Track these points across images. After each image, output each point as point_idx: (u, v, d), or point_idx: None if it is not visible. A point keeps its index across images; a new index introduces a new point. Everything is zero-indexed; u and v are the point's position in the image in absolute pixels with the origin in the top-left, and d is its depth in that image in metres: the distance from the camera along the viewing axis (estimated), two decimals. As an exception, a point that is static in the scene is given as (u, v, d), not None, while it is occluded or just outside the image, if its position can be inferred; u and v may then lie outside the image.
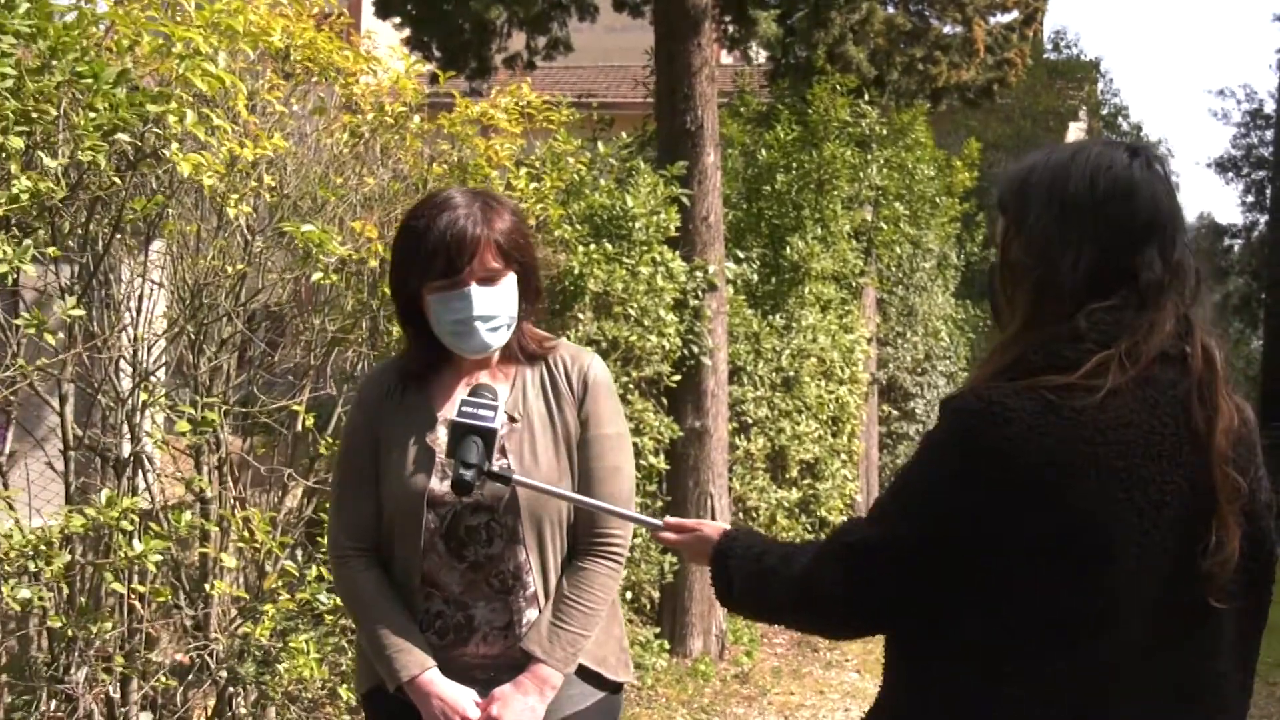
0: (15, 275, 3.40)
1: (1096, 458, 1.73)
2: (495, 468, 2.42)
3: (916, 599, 1.82)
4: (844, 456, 9.56)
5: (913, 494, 1.85)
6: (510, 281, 2.60)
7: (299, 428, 4.61)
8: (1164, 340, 1.78)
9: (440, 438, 2.58)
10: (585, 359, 2.71)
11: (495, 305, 2.57)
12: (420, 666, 2.53)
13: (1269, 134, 27.37)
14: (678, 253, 6.73)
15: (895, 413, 11.82)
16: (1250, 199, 30.03)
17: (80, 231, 3.92)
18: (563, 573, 2.63)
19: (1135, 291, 1.79)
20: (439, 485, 2.56)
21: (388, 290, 4.53)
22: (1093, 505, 1.73)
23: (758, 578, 2.03)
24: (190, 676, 4.29)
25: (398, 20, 9.09)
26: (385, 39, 6.35)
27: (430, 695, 2.52)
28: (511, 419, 2.61)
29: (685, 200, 6.93)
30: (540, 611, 2.60)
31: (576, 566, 2.63)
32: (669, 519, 2.34)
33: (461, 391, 2.58)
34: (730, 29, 10.13)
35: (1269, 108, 21.92)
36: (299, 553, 4.51)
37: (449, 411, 2.47)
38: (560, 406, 2.65)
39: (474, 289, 2.54)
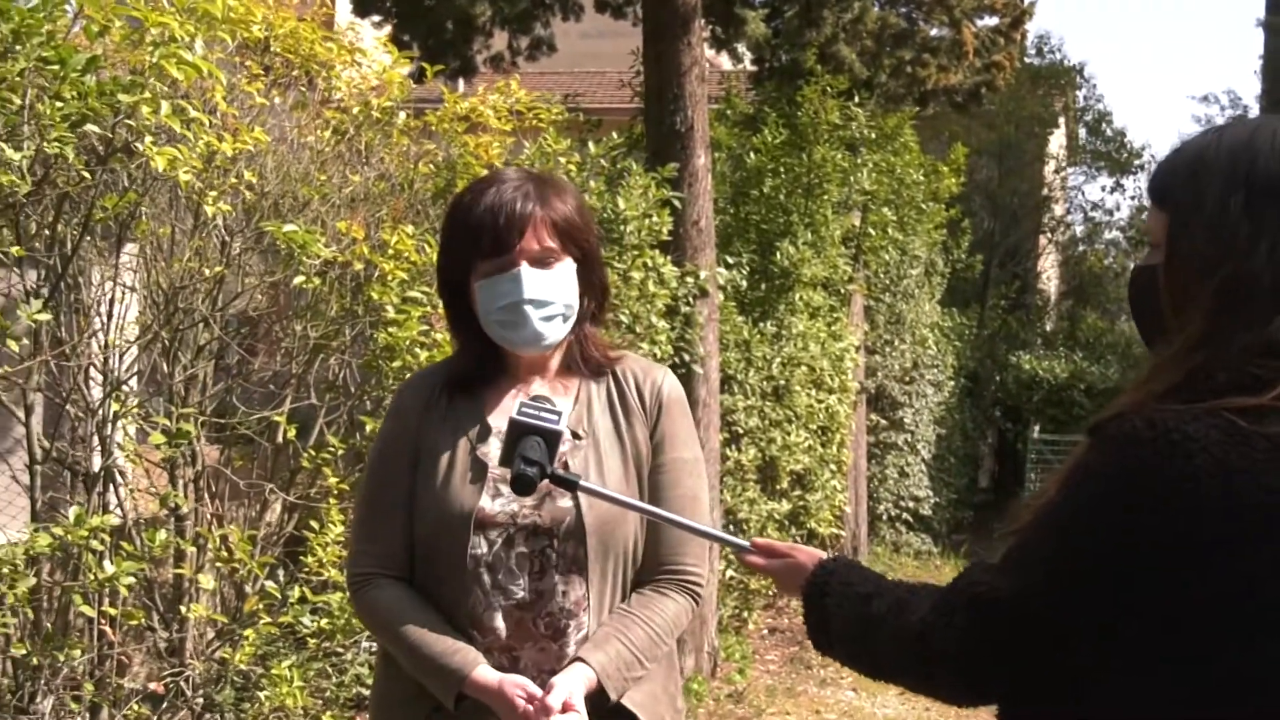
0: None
1: None
2: (559, 470, 2.09)
3: (1051, 666, 1.54)
4: (833, 467, 9.37)
5: (1062, 539, 1.54)
6: (568, 268, 2.31)
7: (280, 439, 4.37)
8: None
9: (493, 450, 2.26)
10: (657, 373, 2.42)
11: (549, 290, 2.27)
12: (477, 661, 2.19)
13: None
14: (668, 257, 6.50)
15: (883, 422, 11.63)
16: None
17: (47, 231, 3.68)
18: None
19: None
20: (491, 504, 2.24)
21: (374, 295, 4.35)
22: None
23: (863, 624, 1.73)
24: (164, 704, 4.04)
25: (376, 18, 8.85)
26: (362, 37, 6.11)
27: (498, 684, 2.16)
28: (575, 435, 2.31)
29: (676, 203, 6.70)
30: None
31: (646, 592, 2.31)
32: (757, 540, 2.01)
33: (515, 402, 2.23)
34: (716, 30, 9.92)
35: (1254, 113, 21.79)
36: (280, 573, 4.26)
37: (505, 420, 2.14)
38: (630, 423, 2.35)
39: (524, 269, 2.25)
